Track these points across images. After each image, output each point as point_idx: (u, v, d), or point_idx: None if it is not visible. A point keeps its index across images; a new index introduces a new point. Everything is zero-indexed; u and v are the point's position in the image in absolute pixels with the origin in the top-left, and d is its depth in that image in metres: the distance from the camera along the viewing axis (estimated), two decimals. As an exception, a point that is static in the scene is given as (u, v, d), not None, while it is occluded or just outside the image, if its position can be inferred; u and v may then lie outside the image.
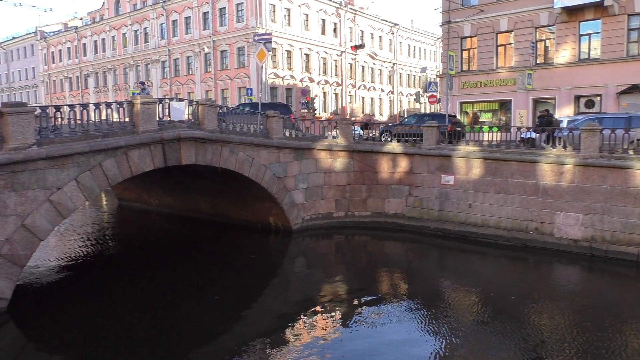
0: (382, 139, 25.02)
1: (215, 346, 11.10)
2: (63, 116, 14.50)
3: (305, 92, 49.78)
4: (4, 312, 12.10)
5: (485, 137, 22.94)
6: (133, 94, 38.00)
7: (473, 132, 22.96)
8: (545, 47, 30.30)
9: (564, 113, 27.74)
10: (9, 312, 12.17)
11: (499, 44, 31.52)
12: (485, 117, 32.99)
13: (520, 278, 16.19)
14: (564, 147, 18.22)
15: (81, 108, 14.52)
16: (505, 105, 31.85)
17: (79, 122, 14.90)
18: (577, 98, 28.67)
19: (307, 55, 52.41)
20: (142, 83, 18.26)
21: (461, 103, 33.23)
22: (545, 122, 20.19)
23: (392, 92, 66.18)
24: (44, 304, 13.54)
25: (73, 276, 16.17)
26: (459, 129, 22.57)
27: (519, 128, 21.13)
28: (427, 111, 65.58)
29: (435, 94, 36.27)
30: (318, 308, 13.37)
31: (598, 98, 27.95)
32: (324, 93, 54.86)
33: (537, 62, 30.01)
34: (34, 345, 11.49)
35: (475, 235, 19.46)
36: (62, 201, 13.22)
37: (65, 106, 14.33)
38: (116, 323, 12.25)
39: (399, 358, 10.37)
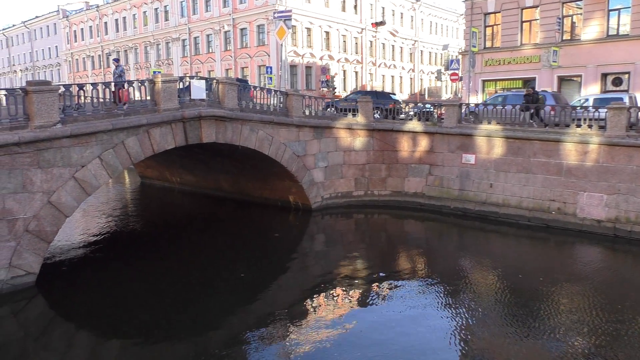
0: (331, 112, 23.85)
1: (236, 321, 11.33)
2: (86, 94, 14.65)
3: (325, 70, 49.41)
4: (32, 285, 12.49)
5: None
6: (154, 72, 38.23)
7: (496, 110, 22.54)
8: (572, 23, 29.43)
9: (590, 91, 27.07)
10: (37, 285, 12.56)
11: (523, 20, 30.70)
12: (508, 96, 32.33)
13: (541, 258, 16.06)
14: (589, 126, 17.84)
15: (104, 87, 14.66)
16: (529, 84, 31.17)
17: (101, 100, 15.06)
18: (604, 76, 27.89)
19: (327, 33, 51.86)
20: (117, 60, 18.15)
21: (483, 81, 32.63)
22: (532, 101, 20.34)
23: (413, 70, 65.27)
24: (70, 278, 13.92)
25: (97, 252, 16.56)
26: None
27: (542, 106, 20.70)
28: (448, 90, 64.68)
29: (457, 71, 35.67)
30: (337, 285, 13.50)
31: (626, 75, 27.16)
32: (344, 71, 54.38)
33: (563, 38, 29.20)
34: (61, 318, 11.87)
35: (496, 215, 19.30)
36: (86, 178, 13.48)
37: (88, 84, 14.46)
38: (140, 297, 12.56)
39: (417, 336, 10.46)
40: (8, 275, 12.10)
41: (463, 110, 21.66)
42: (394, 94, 33.45)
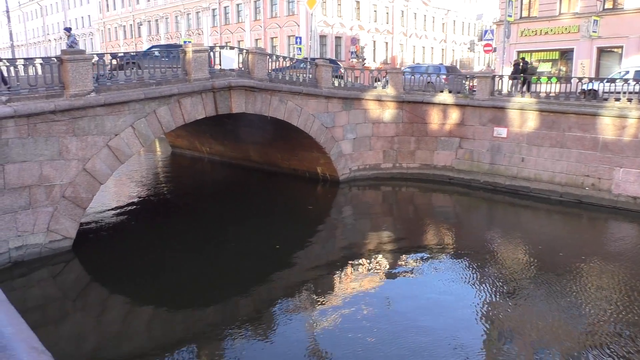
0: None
1: (265, 290, 11.57)
2: (119, 64, 14.88)
3: (354, 41, 48.70)
4: (69, 250, 12.96)
5: (543, 88, 21.91)
6: (184, 42, 38.33)
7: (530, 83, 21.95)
8: (615, -9, 28.11)
9: (631, 63, 26.00)
10: (73, 250, 13.03)
11: (563, -13, 29.48)
12: (544, 68, 31.39)
13: (572, 234, 15.82)
14: (629, 99, 17.21)
15: (135, 56, 14.80)
16: (566, 55, 30.11)
17: (133, 69, 15.23)
18: (647, 47, 26.71)
19: (358, 2, 50.90)
20: (68, 29, 17.98)
21: (518, 52, 31.64)
22: (520, 70, 20.71)
23: (445, 41, 63.74)
24: (104, 243, 14.39)
25: (130, 219, 17.02)
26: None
27: (580, 79, 20.04)
28: (481, 61, 63.00)
29: (490, 42, 34.67)
30: (364, 258, 13.60)
31: (671, 47, 25.96)
32: (374, 42, 53.50)
33: (605, 7, 27.96)
34: (96, 281, 12.33)
35: (527, 189, 18.99)
36: (120, 147, 13.77)
37: (120, 54, 14.63)
38: (172, 263, 12.90)
39: (443, 309, 10.50)
40: (46, 239, 12.57)
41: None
42: (335, 60, 32.01)
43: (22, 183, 11.98)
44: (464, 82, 23.64)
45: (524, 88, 20.67)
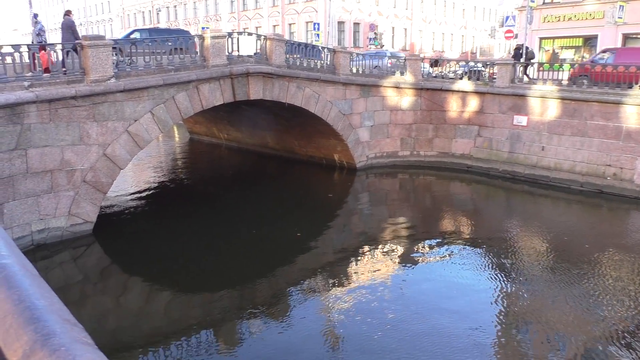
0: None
1: (281, 275, 11.66)
2: (137, 50, 14.94)
3: (373, 27, 48.24)
4: (89, 234, 13.20)
5: (565, 75, 21.51)
6: (202, 28, 38.36)
7: (552, 70, 21.59)
8: (642, -24, 27.35)
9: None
10: (94, 234, 13.26)
11: (588, -28, 28.78)
12: (567, 55, 30.78)
13: (591, 225, 15.61)
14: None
15: (155, 42, 14.88)
16: (589, 42, 29.49)
17: (152, 55, 15.32)
18: (675, 33, 26.03)
19: (377, -12, 50.34)
20: (36, 16, 17.81)
21: (540, 39, 31.10)
22: (520, 55, 21.42)
23: (465, 28, 62.79)
24: (124, 228, 14.61)
25: (149, 204, 17.23)
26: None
27: (604, 66, 19.61)
28: (501, 48, 61.93)
29: (512, 29, 34.07)
30: (381, 246, 13.61)
31: (699, 33, 25.24)
32: (393, 28, 52.94)
33: (631, -8, 27.25)
34: (116, 264, 12.55)
35: (547, 179, 18.74)
36: (139, 132, 13.91)
37: (139, 40, 14.71)
38: (191, 247, 13.06)
39: (460, 296, 10.48)
40: (68, 222, 12.81)
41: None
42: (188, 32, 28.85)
43: (44, 167, 12.20)
44: (483, 69, 23.32)
45: (525, 74, 21.02)
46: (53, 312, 0.74)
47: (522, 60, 21.87)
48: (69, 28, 14.76)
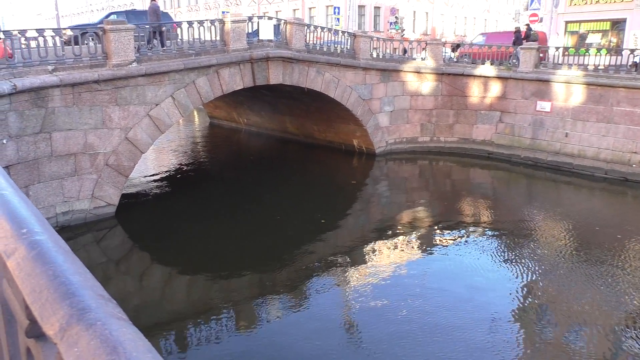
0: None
1: (300, 261, 11.73)
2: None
3: (394, 11, 47.59)
4: (112, 216, 13.42)
5: (591, 60, 20.99)
6: (223, 12, 38.30)
7: (578, 55, 21.07)
8: (675, -44, 26.37)
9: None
10: (116, 216, 13.48)
11: (617, -47, 27.84)
12: (593, 39, 29.98)
13: (615, 212, 15.33)
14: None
15: (175, 26, 14.92)
16: (618, 25, 28.63)
17: (173, 40, 15.37)
18: None
19: (398, -29, 49.55)
20: None
21: (566, 22, 30.30)
22: (523, 38, 21.48)
23: (488, 11, 61.57)
24: (145, 211, 14.83)
25: (171, 187, 17.43)
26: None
27: (632, 51, 19.08)
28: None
29: (537, 12, 33.29)
30: (400, 232, 13.58)
31: None
32: (414, 12, 52.16)
33: (663, -26, 26.33)
34: (138, 247, 12.77)
35: (570, 166, 18.42)
36: (160, 116, 14.03)
37: (160, 24, 14.77)
38: (212, 231, 13.20)
39: (479, 282, 10.44)
40: (91, 205, 13.04)
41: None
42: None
43: (68, 151, 12.41)
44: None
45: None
46: (88, 287, 0.76)
47: (524, 43, 21.73)
48: (154, 12, 16.25)
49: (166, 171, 19.37)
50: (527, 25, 23.67)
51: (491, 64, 20.86)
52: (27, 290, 0.82)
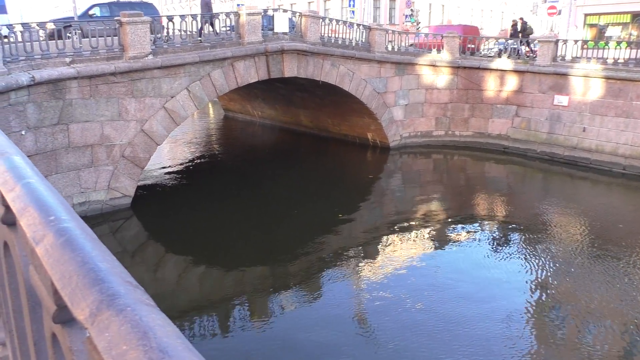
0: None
1: (313, 253, 11.76)
2: (174, 26, 15.04)
3: (409, 3, 47.19)
4: (128, 207, 13.56)
5: (610, 54, 20.63)
6: (238, 4, 38.32)
7: (597, 49, 20.73)
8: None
9: None
10: (132, 208, 13.62)
11: (639, -57, 27.26)
12: (613, 32, 29.45)
13: (633, 209, 15.11)
14: None
15: (191, 19, 14.96)
16: (638, 18, 28.12)
17: (189, 33, 15.39)
18: None
19: (414, -38, 49.08)
20: None
21: (585, 15, 29.81)
22: (520, 31, 21.70)
23: (505, 3, 60.78)
24: (161, 202, 14.95)
25: (186, 179, 17.54)
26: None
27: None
28: (543, 25, 59.85)
29: (555, 5, 32.81)
30: (413, 227, 13.54)
31: None
32: (429, 4, 51.68)
33: (686, -35, 25.76)
34: (153, 238, 12.90)
35: (587, 161, 18.18)
36: (175, 109, 14.11)
37: (176, 16, 14.80)
38: (226, 223, 13.28)
39: (493, 278, 10.38)
40: (107, 196, 13.19)
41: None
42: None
43: (85, 142, 12.54)
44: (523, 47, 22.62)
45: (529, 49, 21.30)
46: (116, 274, 0.77)
47: (521, 36, 22.06)
48: (206, 5, 17.35)
49: (181, 163, 19.50)
50: (521, 18, 23.81)
51: (508, 57, 20.62)
52: (57, 276, 0.83)
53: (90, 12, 19.63)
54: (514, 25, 22.52)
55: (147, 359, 0.58)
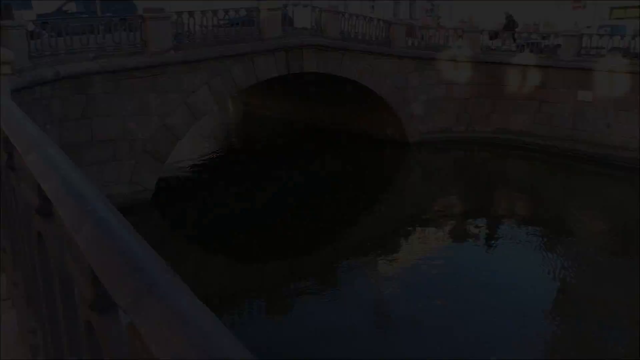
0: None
1: (330, 248, 11.79)
2: (195, 22, 15.13)
3: (430, -3, 46.74)
4: (148, 201, 13.71)
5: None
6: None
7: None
8: None
9: None
10: (152, 201, 13.77)
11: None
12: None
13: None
14: None
15: (212, 14, 15.03)
16: (666, 12, 27.45)
17: (209, 28, 15.47)
18: None
19: (435, -44, 48.56)
20: None
21: (611, 8, 29.22)
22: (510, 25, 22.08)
23: (528, -3, 59.76)
24: (181, 196, 15.09)
25: (205, 174, 17.71)
26: None
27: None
28: (566, 20, 58.64)
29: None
30: (433, 224, 13.49)
31: None
32: (451, -1, 51.08)
33: None
34: (174, 231, 13.07)
35: (612, 158, 17.80)
36: (196, 104, 14.22)
37: (197, 12, 14.89)
38: (245, 218, 13.36)
39: (512, 276, 10.28)
40: (129, 190, 13.35)
41: None
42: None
43: (108, 136, 12.72)
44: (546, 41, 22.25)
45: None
46: (154, 262, 0.78)
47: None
48: None
49: (201, 157, 19.66)
50: (507, 12, 25.14)
51: (530, 52, 20.30)
52: (97, 265, 0.85)
53: (65, 8, 18.17)
54: (508, 18, 23.34)
55: (190, 345, 0.60)
